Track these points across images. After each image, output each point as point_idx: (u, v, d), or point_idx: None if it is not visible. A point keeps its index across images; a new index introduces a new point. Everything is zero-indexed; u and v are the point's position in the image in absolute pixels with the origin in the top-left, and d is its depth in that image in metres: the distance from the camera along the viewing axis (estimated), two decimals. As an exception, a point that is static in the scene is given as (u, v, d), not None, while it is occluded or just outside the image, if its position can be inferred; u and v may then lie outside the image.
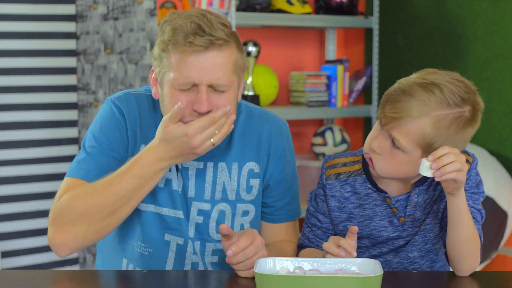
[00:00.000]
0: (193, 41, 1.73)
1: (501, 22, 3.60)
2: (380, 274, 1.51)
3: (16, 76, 4.01)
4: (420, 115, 1.70)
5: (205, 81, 1.75)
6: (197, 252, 1.93)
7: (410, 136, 1.72)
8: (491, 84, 3.64)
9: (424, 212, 1.86)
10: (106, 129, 1.88)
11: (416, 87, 1.72)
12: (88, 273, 1.82)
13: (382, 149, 1.77)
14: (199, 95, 1.75)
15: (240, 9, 3.67)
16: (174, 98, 1.78)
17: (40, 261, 4.09)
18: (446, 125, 1.71)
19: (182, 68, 1.75)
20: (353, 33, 4.35)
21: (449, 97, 1.71)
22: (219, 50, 1.76)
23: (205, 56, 1.75)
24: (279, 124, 1.99)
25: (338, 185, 1.91)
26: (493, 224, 3.34)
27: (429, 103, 1.70)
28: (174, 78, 1.76)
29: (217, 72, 1.76)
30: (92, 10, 4.05)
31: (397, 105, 1.72)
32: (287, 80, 4.11)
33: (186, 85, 1.76)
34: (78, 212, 1.78)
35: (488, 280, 1.81)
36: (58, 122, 4.14)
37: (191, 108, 1.77)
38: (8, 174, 4.00)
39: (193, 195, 1.91)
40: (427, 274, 1.84)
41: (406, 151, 1.73)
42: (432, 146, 1.72)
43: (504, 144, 3.60)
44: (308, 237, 1.96)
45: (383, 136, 1.76)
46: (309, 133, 4.28)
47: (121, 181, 1.77)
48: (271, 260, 1.62)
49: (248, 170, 1.94)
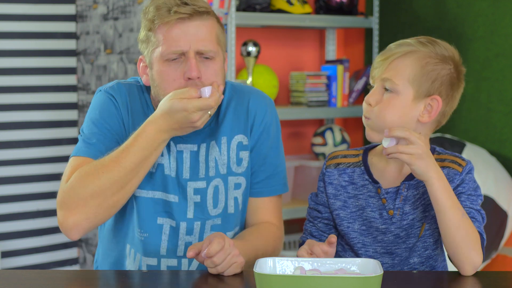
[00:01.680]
0: (178, 10, 1.84)
1: (501, 22, 3.60)
2: (380, 274, 1.51)
3: (16, 76, 4.01)
4: (406, 52, 1.83)
5: (193, 47, 1.86)
6: (195, 232, 1.97)
7: (401, 72, 1.82)
8: (491, 84, 3.64)
9: (413, 207, 1.88)
10: (105, 115, 1.94)
11: (408, 40, 1.88)
12: (88, 273, 1.82)
13: (377, 99, 1.84)
14: (189, 62, 1.86)
15: (240, 9, 3.67)
16: (164, 73, 1.88)
17: (40, 261, 4.09)
18: (432, 63, 1.82)
19: (169, 39, 1.86)
20: (353, 33, 4.35)
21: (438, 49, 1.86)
22: (201, 19, 1.88)
23: (189, 24, 1.87)
24: (264, 99, 2.06)
25: (337, 173, 1.95)
26: (493, 224, 3.34)
27: (417, 46, 1.84)
28: (162, 51, 1.87)
29: (203, 39, 1.87)
30: (92, 10, 4.05)
31: (386, 52, 1.86)
32: (287, 80, 4.11)
33: (174, 54, 1.86)
34: (90, 190, 1.82)
35: (488, 280, 1.81)
36: (58, 122, 4.14)
37: (184, 79, 1.87)
38: (8, 174, 3.99)
39: (187, 176, 1.96)
40: (427, 274, 1.84)
41: (399, 91, 1.82)
42: (422, 86, 1.81)
43: (504, 144, 3.60)
44: (311, 231, 1.98)
45: (376, 88, 1.85)
46: (309, 133, 4.28)
47: (128, 155, 1.83)
48: (271, 260, 1.63)
49: (237, 143, 2.00)
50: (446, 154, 1.90)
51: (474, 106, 3.70)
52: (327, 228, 1.97)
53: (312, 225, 1.98)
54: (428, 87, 1.82)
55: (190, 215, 1.97)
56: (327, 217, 1.96)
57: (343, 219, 1.92)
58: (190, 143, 1.97)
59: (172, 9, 1.85)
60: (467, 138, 3.70)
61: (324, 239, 1.96)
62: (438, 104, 1.83)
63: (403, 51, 1.83)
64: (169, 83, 1.87)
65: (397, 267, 1.90)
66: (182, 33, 1.86)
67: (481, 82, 3.67)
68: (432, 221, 1.88)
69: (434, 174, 1.75)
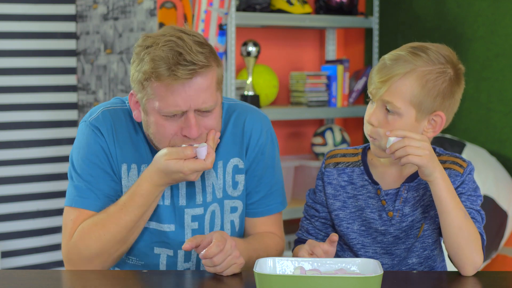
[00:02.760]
0: (177, 74, 1.74)
1: (501, 22, 3.60)
2: (380, 274, 1.51)
3: (16, 76, 4.01)
4: (406, 71, 1.78)
5: (193, 107, 1.78)
6: (192, 259, 1.95)
7: (402, 95, 1.78)
8: (491, 84, 3.64)
9: (413, 209, 1.87)
10: (93, 153, 1.90)
11: (401, 53, 1.81)
12: (88, 273, 1.82)
13: (380, 121, 1.82)
14: (188, 121, 1.79)
15: (240, 9, 3.67)
16: (161, 126, 1.81)
17: (40, 261, 4.09)
18: (432, 79, 1.78)
19: (168, 98, 1.77)
20: (353, 33, 4.35)
21: (433, 56, 1.80)
22: (202, 76, 1.77)
23: (189, 84, 1.76)
24: (259, 118, 2.00)
25: (336, 173, 1.94)
26: (493, 224, 3.34)
27: (413, 61, 1.78)
28: (160, 107, 1.78)
29: (203, 97, 1.78)
30: (92, 10, 4.05)
31: (384, 70, 1.80)
32: (287, 80, 4.11)
33: (173, 113, 1.78)
34: (93, 251, 1.85)
35: (488, 280, 1.81)
36: (58, 122, 4.14)
37: (181, 134, 1.80)
38: (8, 174, 3.99)
39: (184, 203, 1.93)
40: (427, 274, 1.84)
41: (401, 113, 1.79)
42: (423, 105, 1.78)
43: (504, 144, 3.60)
44: (307, 229, 1.98)
45: (377, 108, 1.82)
46: (309, 133, 4.28)
47: (126, 214, 1.84)
48: (271, 260, 1.63)
49: (232, 166, 1.96)
50: (446, 155, 1.90)
51: (474, 106, 3.70)
52: (324, 227, 1.97)
53: (309, 222, 1.98)
54: (430, 105, 1.79)
55: None
56: (325, 217, 1.96)
57: (342, 219, 1.92)
58: None
59: (171, 69, 1.74)
60: (467, 138, 3.70)
61: (321, 238, 1.96)
62: (442, 120, 1.82)
63: (401, 72, 1.78)
64: (166, 136, 1.82)
65: (396, 267, 1.90)
66: (182, 93, 1.76)
67: (481, 82, 3.67)
68: (431, 221, 1.88)
69: (439, 174, 1.74)
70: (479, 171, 3.34)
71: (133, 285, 1.75)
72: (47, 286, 1.72)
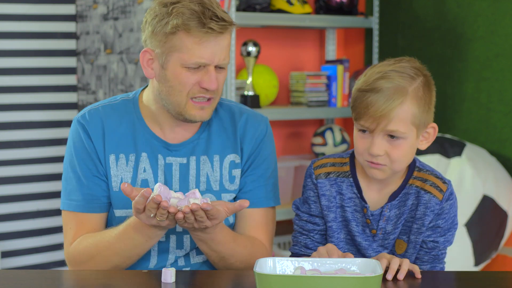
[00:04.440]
0: (211, 27, 1.83)
1: (501, 22, 3.60)
2: (380, 274, 1.51)
3: (16, 76, 4.01)
4: (403, 99, 1.78)
5: (215, 61, 1.88)
6: (185, 246, 1.97)
7: (405, 121, 1.80)
8: (491, 84, 3.64)
9: (395, 227, 1.89)
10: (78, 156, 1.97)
11: (377, 82, 1.80)
12: (88, 273, 1.82)
13: (384, 149, 1.81)
14: (209, 75, 1.88)
15: (240, 9, 3.67)
16: (183, 77, 1.88)
17: (40, 261, 4.09)
18: (421, 95, 1.81)
19: (195, 50, 1.85)
20: (353, 33, 4.35)
21: (407, 71, 1.81)
22: (228, 33, 1.90)
23: (220, 38, 1.87)
24: (257, 118, 2.05)
25: (328, 184, 1.94)
26: (493, 224, 3.34)
27: (399, 83, 1.79)
28: (185, 59, 1.86)
29: (225, 54, 1.90)
30: (92, 10, 4.05)
31: (377, 105, 1.78)
32: (287, 80, 4.11)
33: (196, 65, 1.86)
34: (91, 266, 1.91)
35: (488, 280, 1.81)
36: (58, 122, 4.14)
37: (199, 86, 1.88)
38: (8, 174, 3.99)
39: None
40: (427, 274, 1.84)
41: (405, 136, 1.81)
42: (421, 121, 1.82)
43: (504, 144, 3.60)
44: (306, 244, 1.96)
45: (377, 138, 1.81)
46: (309, 133, 4.28)
47: (120, 242, 1.87)
48: (271, 260, 1.62)
49: (229, 162, 2.00)
50: (426, 173, 1.91)
51: (474, 106, 3.70)
52: (322, 238, 1.96)
53: (307, 237, 1.96)
54: (425, 119, 1.84)
55: (179, 228, 1.96)
56: (323, 229, 1.95)
57: (334, 230, 1.92)
58: (179, 156, 1.97)
59: (205, 21, 1.83)
60: (467, 138, 3.70)
61: None
62: (434, 131, 1.87)
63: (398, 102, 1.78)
64: (186, 87, 1.89)
65: None
66: (210, 47, 1.86)
67: (481, 82, 3.67)
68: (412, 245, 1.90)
69: None
70: (479, 171, 3.34)
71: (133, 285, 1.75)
72: (47, 286, 1.72)
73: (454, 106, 3.77)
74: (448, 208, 1.87)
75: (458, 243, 2.93)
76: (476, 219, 3.29)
